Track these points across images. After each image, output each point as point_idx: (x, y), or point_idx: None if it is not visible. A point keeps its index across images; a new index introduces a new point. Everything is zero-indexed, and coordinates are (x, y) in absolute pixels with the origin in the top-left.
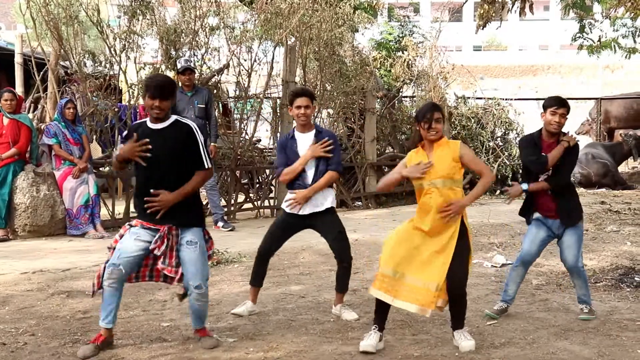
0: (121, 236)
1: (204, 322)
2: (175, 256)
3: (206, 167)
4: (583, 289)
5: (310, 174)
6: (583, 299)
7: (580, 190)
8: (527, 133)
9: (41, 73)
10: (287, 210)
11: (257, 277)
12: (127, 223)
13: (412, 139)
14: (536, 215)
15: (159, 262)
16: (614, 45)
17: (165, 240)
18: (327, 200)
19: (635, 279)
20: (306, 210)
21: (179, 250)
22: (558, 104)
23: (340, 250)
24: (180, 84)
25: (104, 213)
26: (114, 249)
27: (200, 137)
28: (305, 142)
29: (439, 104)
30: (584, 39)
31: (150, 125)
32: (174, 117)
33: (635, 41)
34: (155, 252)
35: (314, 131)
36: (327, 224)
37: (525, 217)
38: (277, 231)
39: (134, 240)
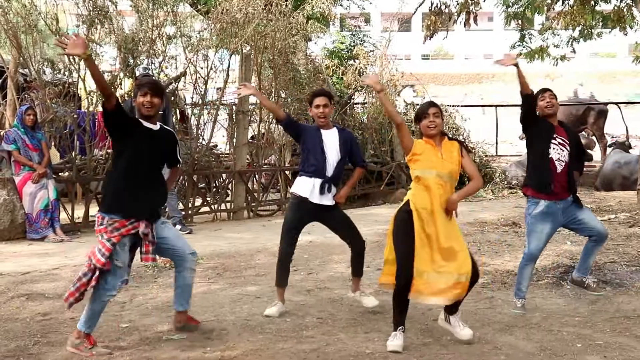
0: (105, 256)
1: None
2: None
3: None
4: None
5: (331, 166)
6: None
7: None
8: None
9: (0, 80)
10: (301, 194)
11: (283, 279)
12: (106, 240)
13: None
14: (541, 205)
15: (142, 253)
16: (542, 54)
17: (150, 233)
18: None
19: None
20: (315, 199)
21: (154, 237)
22: (542, 91)
23: (354, 237)
24: None
25: (63, 217)
26: (106, 271)
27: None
28: (329, 137)
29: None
30: (523, 47)
31: (145, 124)
32: (158, 123)
33: (574, 50)
34: (145, 249)
35: (335, 128)
36: (337, 218)
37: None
38: (291, 232)
39: (125, 251)
